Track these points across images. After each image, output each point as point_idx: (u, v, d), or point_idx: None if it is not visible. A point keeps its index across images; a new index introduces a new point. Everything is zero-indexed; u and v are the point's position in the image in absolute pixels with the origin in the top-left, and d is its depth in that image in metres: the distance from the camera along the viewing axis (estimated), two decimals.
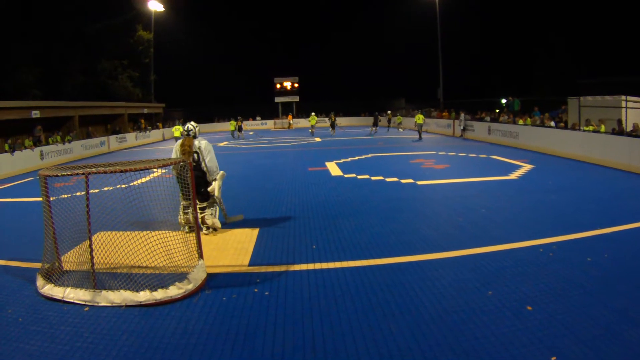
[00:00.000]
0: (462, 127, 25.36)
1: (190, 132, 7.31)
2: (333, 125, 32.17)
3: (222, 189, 7.41)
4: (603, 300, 4.46)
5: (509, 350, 3.65)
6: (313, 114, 33.89)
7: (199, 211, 7.10)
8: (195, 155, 7.16)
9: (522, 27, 44.20)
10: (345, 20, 57.39)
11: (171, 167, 6.45)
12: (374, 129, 32.39)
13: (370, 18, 54.70)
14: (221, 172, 7.46)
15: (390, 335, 3.96)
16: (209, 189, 7.30)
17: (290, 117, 45.57)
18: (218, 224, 7.39)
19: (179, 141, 7.34)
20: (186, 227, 7.05)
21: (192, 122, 7.48)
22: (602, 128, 15.16)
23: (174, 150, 7.31)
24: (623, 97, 15.97)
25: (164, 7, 40.33)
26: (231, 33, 57.10)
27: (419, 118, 26.19)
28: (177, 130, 27.35)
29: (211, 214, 7.32)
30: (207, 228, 7.31)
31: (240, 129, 32.48)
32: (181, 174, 6.24)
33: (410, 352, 3.69)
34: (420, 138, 25.45)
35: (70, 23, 32.33)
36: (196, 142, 7.25)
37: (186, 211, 7.05)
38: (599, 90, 18.76)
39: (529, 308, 4.35)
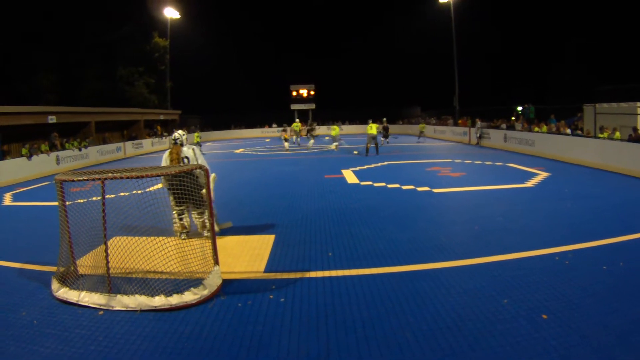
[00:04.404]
0: (478, 135, 25.30)
1: (178, 141, 7.45)
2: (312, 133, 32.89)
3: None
4: (618, 309, 4.43)
5: (523, 359, 3.62)
6: (297, 120, 35.36)
7: (198, 216, 7.22)
8: (185, 161, 7.26)
9: (538, 35, 44.05)
10: (361, 29, 57.86)
11: (161, 178, 6.57)
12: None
13: (386, 26, 54.80)
14: (212, 174, 7.48)
15: (405, 344, 3.93)
16: (203, 191, 7.32)
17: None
18: (216, 226, 7.41)
19: (168, 150, 7.48)
20: (182, 235, 7.18)
21: (180, 131, 7.64)
22: (617, 135, 14.92)
23: (163, 160, 7.44)
24: (639, 104, 15.77)
25: (179, 14, 40.76)
26: (247, 40, 57.59)
27: (371, 128, 20.81)
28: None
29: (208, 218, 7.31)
30: (208, 231, 7.27)
31: None
32: (173, 182, 6.47)
33: None
34: (367, 154, 21.05)
35: (88, 29, 32.84)
36: (184, 149, 7.40)
37: (181, 216, 7.21)
38: (615, 97, 18.55)
39: (544, 316, 4.32)
